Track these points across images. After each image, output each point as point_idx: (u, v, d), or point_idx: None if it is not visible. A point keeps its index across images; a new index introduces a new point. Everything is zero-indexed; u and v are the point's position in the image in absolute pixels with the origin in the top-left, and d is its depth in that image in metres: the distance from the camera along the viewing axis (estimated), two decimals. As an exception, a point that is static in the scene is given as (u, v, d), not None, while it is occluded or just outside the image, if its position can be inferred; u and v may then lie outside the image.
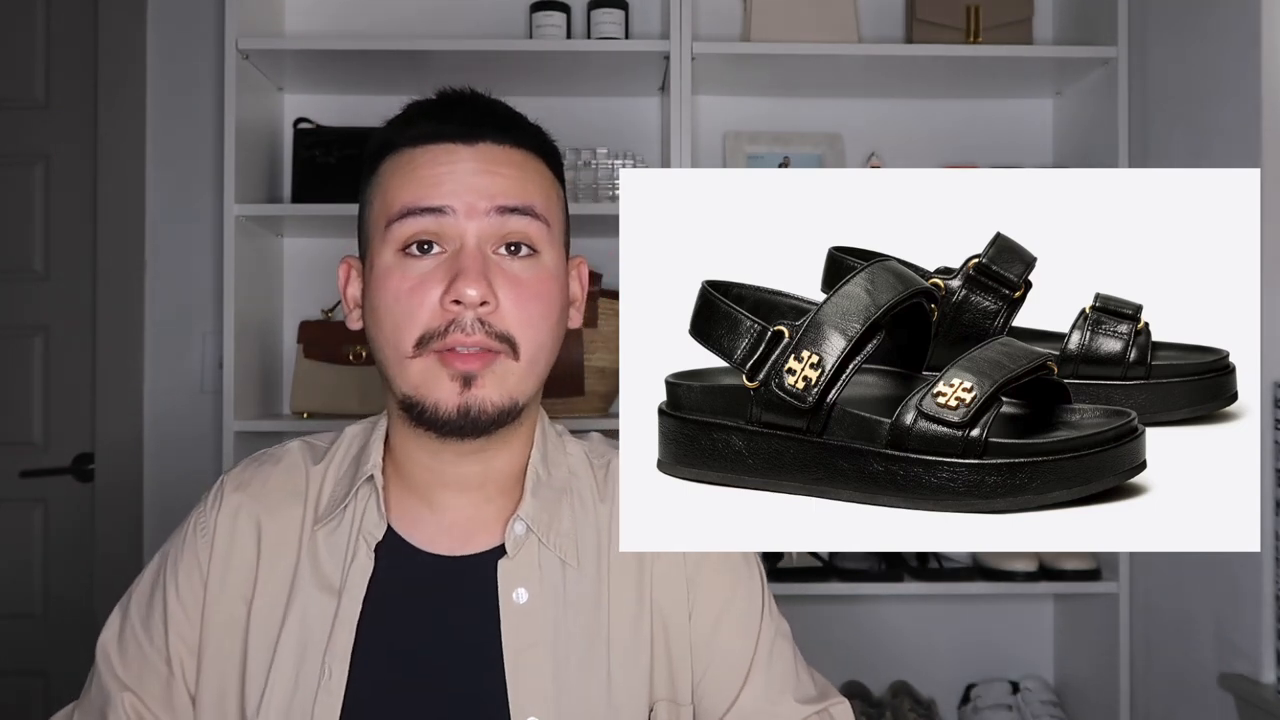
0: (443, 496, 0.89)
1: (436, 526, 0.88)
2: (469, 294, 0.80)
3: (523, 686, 0.84)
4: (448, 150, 0.84)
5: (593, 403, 1.99)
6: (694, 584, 0.90)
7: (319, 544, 0.88)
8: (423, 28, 2.16)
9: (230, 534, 0.89)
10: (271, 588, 0.88)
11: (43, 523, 2.23)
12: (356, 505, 0.89)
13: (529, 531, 0.87)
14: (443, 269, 0.82)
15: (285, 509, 0.90)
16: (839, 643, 2.15)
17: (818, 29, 1.99)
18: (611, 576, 0.89)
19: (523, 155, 0.86)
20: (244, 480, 0.92)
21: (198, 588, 0.89)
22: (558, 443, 0.94)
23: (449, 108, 0.87)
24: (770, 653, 0.92)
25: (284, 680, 0.85)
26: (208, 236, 2.17)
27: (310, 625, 0.86)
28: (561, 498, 0.90)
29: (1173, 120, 1.78)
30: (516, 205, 0.83)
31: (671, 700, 0.89)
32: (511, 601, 0.86)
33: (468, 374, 0.81)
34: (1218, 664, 1.60)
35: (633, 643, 0.88)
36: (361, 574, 0.86)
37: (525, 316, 0.83)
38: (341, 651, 0.84)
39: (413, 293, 0.82)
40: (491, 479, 0.89)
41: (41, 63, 2.25)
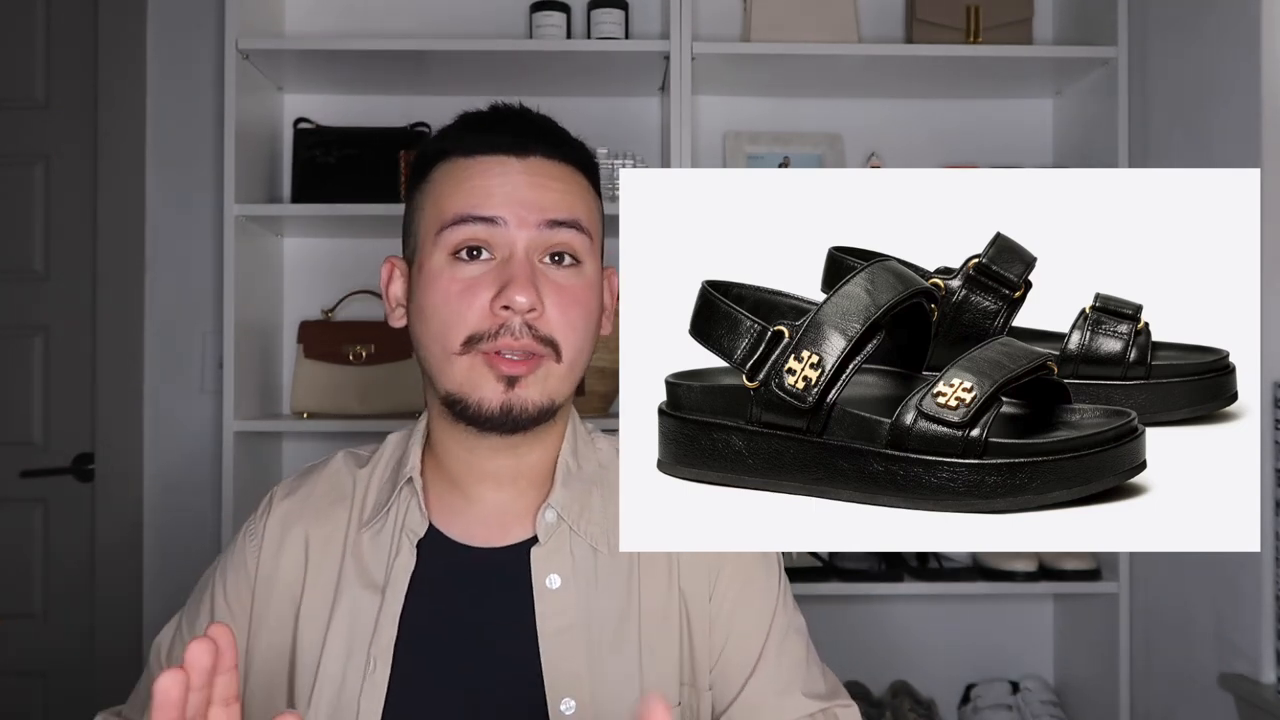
0: (479, 490, 0.92)
1: (473, 520, 0.92)
2: (519, 300, 0.84)
3: (557, 669, 0.87)
4: (500, 162, 0.88)
5: (593, 403, 1.99)
6: (715, 570, 0.94)
7: (364, 545, 0.92)
8: (423, 28, 2.16)
9: (279, 540, 0.94)
10: (319, 589, 0.92)
11: (43, 523, 2.23)
12: (399, 507, 0.92)
13: (560, 519, 0.91)
14: (492, 275, 0.85)
15: (331, 514, 0.94)
16: (839, 643, 2.14)
17: (818, 29, 1.99)
18: (642, 563, 0.92)
19: (568, 170, 0.90)
20: (292, 489, 0.97)
21: (245, 593, 0.93)
22: (587, 438, 0.99)
23: (501, 121, 0.91)
24: (781, 645, 0.94)
25: (332, 675, 0.88)
26: (208, 236, 2.17)
27: (356, 622, 0.89)
28: (592, 488, 0.94)
29: (1173, 120, 1.78)
30: (564, 219, 0.88)
31: (692, 685, 0.92)
32: (545, 587, 0.89)
33: (514, 376, 0.85)
34: (1218, 664, 1.60)
35: (663, 627, 0.91)
36: (404, 570, 0.90)
37: (568, 321, 0.87)
38: (385, 645, 0.88)
39: (462, 295, 0.85)
40: (524, 473, 0.92)
41: (41, 63, 2.25)
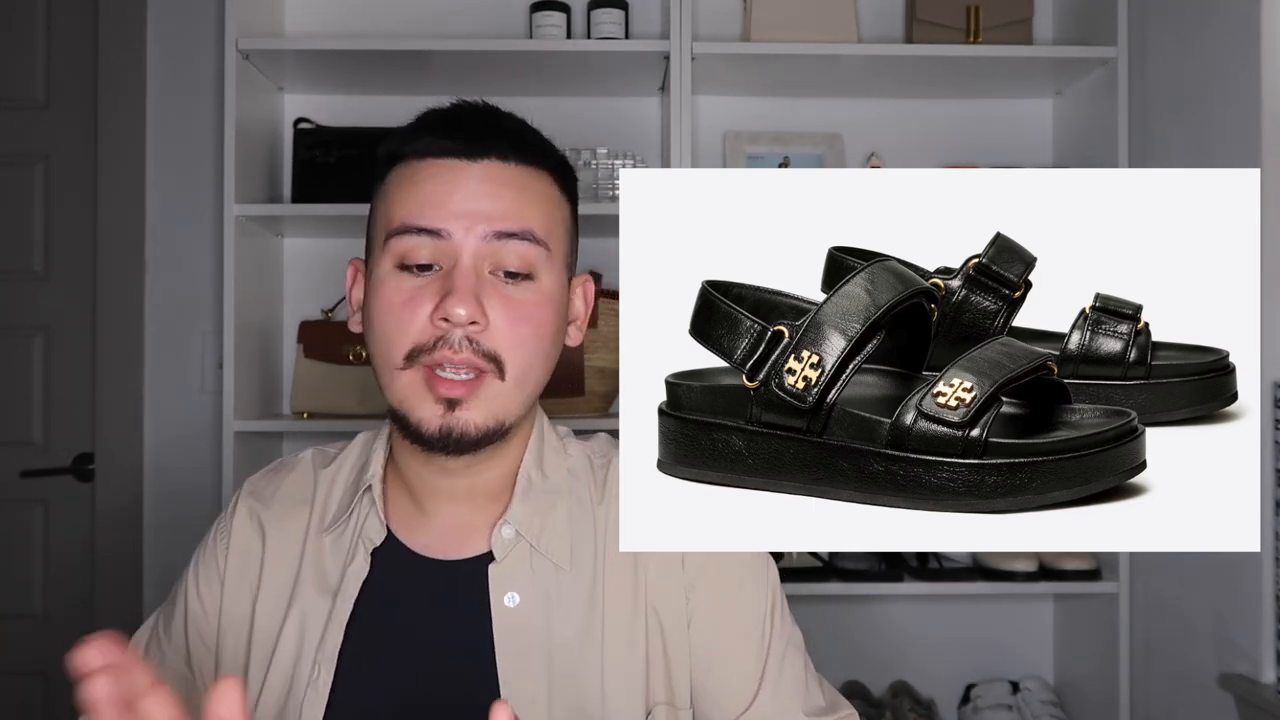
0: (434, 504, 0.89)
1: (431, 531, 0.89)
2: (458, 313, 0.80)
3: (515, 690, 0.84)
4: (451, 167, 0.83)
5: (593, 403, 1.99)
6: (693, 591, 0.89)
7: (324, 549, 0.90)
8: (423, 28, 2.16)
9: (244, 537, 0.92)
10: (274, 590, 0.90)
11: (43, 523, 2.23)
12: (359, 513, 0.90)
13: (518, 536, 0.87)
14: (435, 285, 0.82)
15: (291, 514, 0.92)
16: (839, 643, 2.15)
17: (818, 29, 1.99)
18: (606, 579, 0.88)
19: (528, 173, 0.86)
20: (258, 486, 0.95)
21: (215, 588, 0.92)
22: (557, 445, 0.94)
23: (456, 122, 0.86)
24: (780, 665, 0.91)
25: (280, 679, 0.87)
26: (208, 236, 2.17)
27: (307, 626, 0.87)
28: (557, 500, 0.90)
29: (1173, 120, 1.78)
30: (514, 230, 0.83)
31: (670, 704, 0.89)
32: (503, 605, 0.86)
33: (452, 399, 0.82)
34: (1218, 664, 1.60)
35: (628, 646, 0.87)
36: (356, 577, 0.87)
37: (515, 337, 0.83)
38: (331, 651, 0.86)
39: (405, 306, 0.82)
40: (480, 490, 0.89)
41: (41, 63, 2.25)
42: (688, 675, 0.89)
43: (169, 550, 2.17)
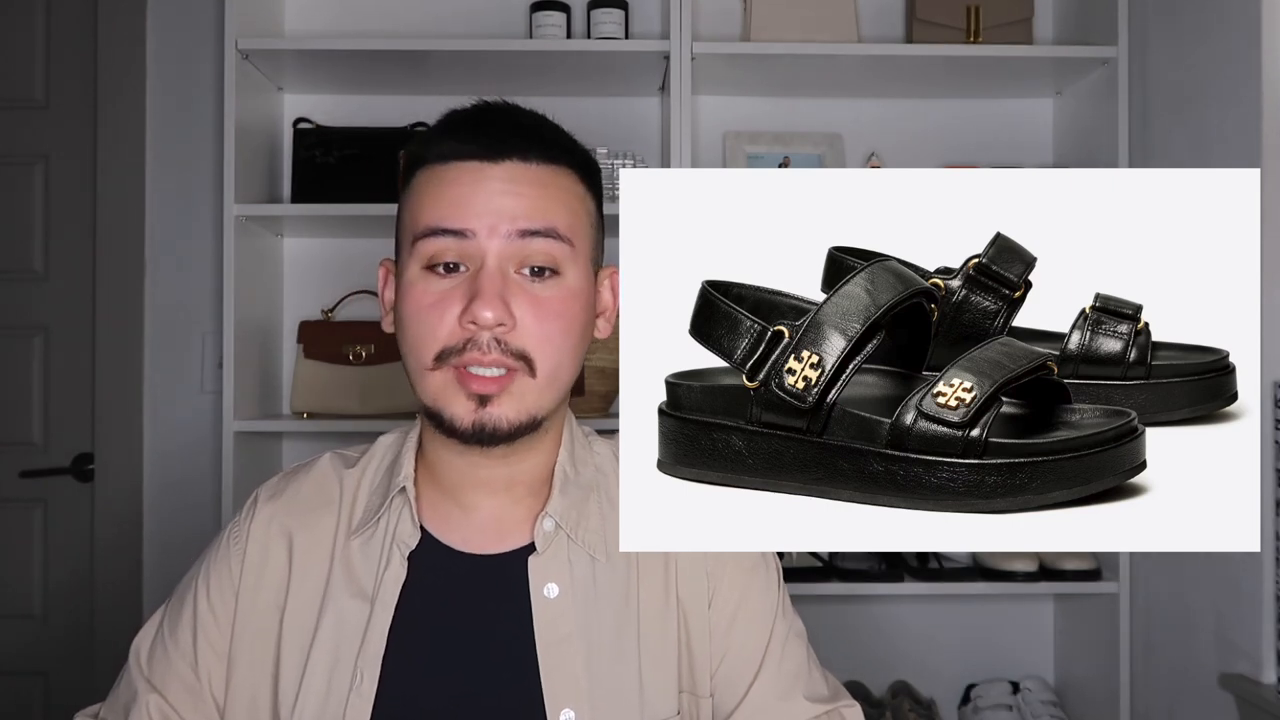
0: (473, 497, 0.90)
1: (469, 526, 0.90)
2: (485, 316, 0.81)
3: (556, 680, 0.86)
4: (473, 169, 0.85)
5: (593, 403, 1.99)
6: (714, 577, 0.92)
7: (353, 552, 0.90)
8: (423, 28, 2.16)
9: (263, 544, 0.92)
10: (304, 596, 0.90)
11: (43, 523, 2.23)
12: (390, 516, 0.91)
13: (558, 528, 0.89)
14: (463, 288, 0.83)
15: (317, 518, 0.92)
16: (839, 643, 2.15)
17: (818, 29, 1.99)
18: (640, 571, 0.91)
19: (550, 172, 0.87)
20: (277, 491, 0.95)
21: (229, 597, 0.91)
22: (584, 442, 0.97)
23: (477, 124, 0.88)
24: (783, 650, 0.93)
25: (317, 686, 0.87)
26: (208, 236, 2.17)
27: (343, 632, 0.88)
28: (589, 495, 0.92)
29: (1173, 120, 1.78)
30: (538, 228, 0.84)
31: (692, 692, 0.91)
32: (542, 596, 0.88)
33: (484, 395, 0.83)
34: (1218, 664, 1.60)
35: (661, 635, 0.90)
36: (395, 582, 0.88)
37: (543, 335, 0.84)
38: (373, 656, 0.86)
39: (433, 308, 0.83)
40: (519, 481, 0.91)
41: (41, 63, 2.25)
42: (708, 662, 0.92)
43: (169, 550, 2.16)
